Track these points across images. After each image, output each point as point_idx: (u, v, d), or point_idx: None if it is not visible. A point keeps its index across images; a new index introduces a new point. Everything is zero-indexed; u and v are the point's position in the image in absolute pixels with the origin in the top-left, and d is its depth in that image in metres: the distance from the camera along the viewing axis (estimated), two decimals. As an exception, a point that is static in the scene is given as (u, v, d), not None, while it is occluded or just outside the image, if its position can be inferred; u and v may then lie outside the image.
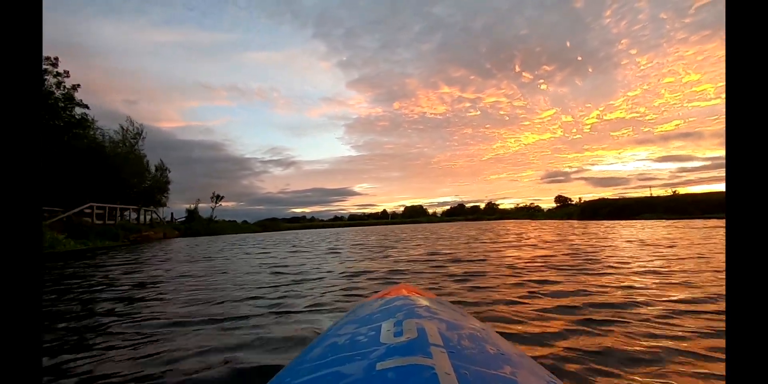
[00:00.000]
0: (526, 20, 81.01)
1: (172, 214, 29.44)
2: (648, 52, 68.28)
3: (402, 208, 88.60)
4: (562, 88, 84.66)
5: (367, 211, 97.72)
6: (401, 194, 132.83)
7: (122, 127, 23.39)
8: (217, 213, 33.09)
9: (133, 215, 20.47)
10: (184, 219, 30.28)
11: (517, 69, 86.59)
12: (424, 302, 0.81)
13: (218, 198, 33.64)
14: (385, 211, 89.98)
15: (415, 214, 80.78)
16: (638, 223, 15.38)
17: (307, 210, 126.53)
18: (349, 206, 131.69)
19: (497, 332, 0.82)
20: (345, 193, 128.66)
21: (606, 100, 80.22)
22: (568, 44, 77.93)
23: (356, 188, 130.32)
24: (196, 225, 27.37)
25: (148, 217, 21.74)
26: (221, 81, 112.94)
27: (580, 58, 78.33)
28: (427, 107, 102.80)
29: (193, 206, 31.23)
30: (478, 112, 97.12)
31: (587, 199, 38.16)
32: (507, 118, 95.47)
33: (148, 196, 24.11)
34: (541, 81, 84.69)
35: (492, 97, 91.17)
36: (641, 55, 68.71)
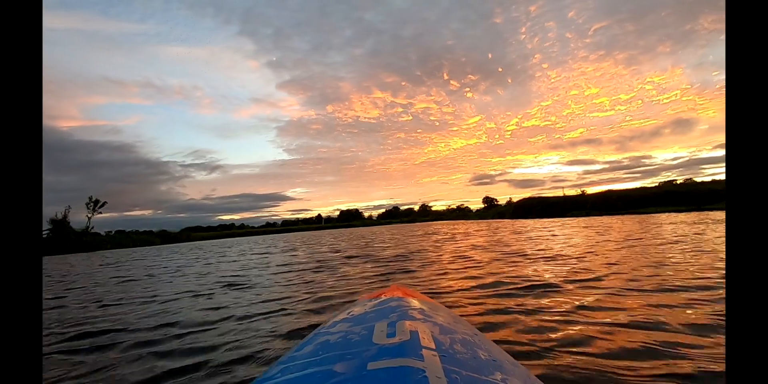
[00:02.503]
0: (452, 32, 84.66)
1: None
2: (557, 67, 75.87)
3: (337, 213, 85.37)
4: (486, 96, 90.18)
5: (302, 216, 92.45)
6: (336, 198, 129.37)
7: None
8: (128, 223, 26.53)
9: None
10: (47, 232, 23.19)
11: (446, 77, 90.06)
12: (419, 305, 0.80)
13: (97, 204, 26.29)
14: (319, 215, 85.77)
15: (350, 218, 78.17)
16: (595, 220, 14.51)
17: (236, 217, 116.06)
18: (282, 212, 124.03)
19: (490, 338, 0.76)
20: (277, 198, 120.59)
21: (523, 109, 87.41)
22: (490, 56, 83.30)
23: (289, 193, 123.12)
24: (60, 239, 20.78)
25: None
26: (132, 76, 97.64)
27: (500, 70, 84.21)
28: (360, 111, 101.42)
29: (60, 215, 24.04)
30: (410, 118, 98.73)
31: (517, 199, 39.24)
32: (437, 124, 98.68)
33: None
34: (468, 89, 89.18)
35: (423, 103, 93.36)
36: (552, 69, 76.08)
